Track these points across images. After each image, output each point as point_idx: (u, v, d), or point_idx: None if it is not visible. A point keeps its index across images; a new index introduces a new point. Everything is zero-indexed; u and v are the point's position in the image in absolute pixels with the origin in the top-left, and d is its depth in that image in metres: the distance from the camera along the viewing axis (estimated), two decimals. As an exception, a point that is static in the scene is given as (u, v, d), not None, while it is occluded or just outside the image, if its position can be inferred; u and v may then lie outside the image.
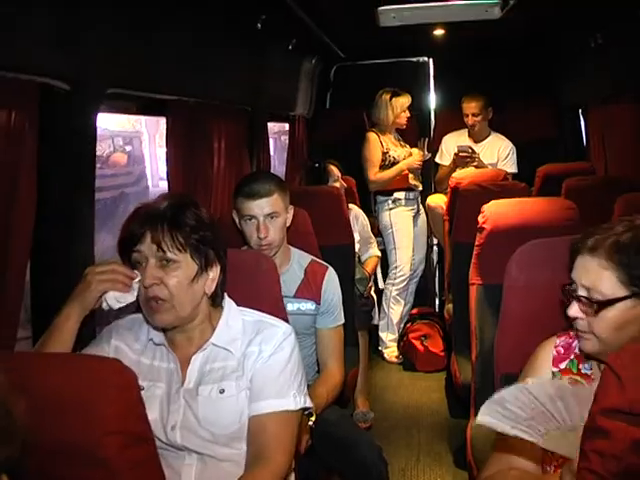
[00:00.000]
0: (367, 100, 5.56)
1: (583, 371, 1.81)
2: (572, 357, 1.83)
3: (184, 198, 1.94)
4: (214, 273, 1.91)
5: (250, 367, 1.90)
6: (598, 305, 1.65)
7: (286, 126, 5.78)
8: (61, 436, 1.22)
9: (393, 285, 5.46)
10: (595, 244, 1.67)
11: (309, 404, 1.96)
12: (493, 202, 3.17)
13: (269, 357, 1.90)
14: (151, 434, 1.31)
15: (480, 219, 3.11)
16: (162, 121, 3.12)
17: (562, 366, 1.84)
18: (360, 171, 5.34)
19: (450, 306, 4.30)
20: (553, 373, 1.84)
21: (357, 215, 4.64)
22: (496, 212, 3.07)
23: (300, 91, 5.50)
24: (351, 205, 4.39)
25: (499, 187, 4.20)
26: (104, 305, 1.93)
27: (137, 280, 1.86)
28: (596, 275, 1.66)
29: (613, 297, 1.63)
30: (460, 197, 4.16)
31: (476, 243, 3.13)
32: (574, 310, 1.70)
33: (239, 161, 3.95)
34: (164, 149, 3.13)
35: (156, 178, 15.88)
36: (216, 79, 3.59)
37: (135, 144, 13.92)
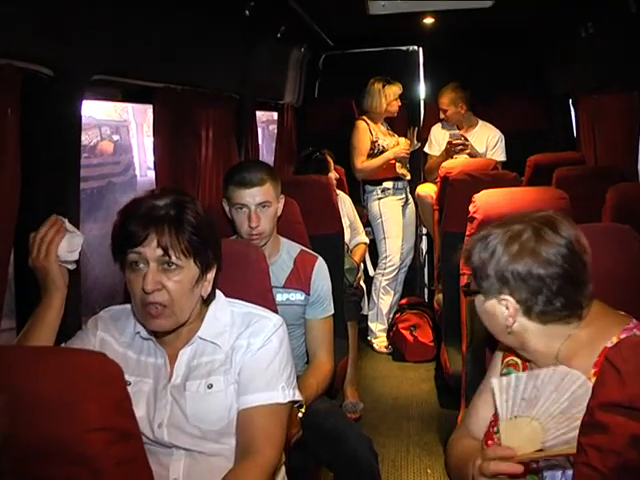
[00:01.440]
0: (356, 89, 5.54)
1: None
2: None
3: (182, 195, 1.87)
4: (212, 274, 1.87)
5: (238, 360, 1.86)
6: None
7: (274, 115, 5.74)
8: (43, 433, 1.18)
9: (383, 275, 5.46)
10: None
11: (298, 397, 1.93)
12: (484, 191, 3.15)
13: (257, 350, 1.87)
14: (138, 430, 1.28)
15: (471, 208, 3.09)
16: (150, 110, 3.08)
17: None
18: (349, 160, 5.31)
19: (440, 296, 4.30)
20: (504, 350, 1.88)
21: (343, 200, 4.62)
22: (487, 201, 3.05)
23: (289, 80, 5.46)
24: (337, 191, 4.36)
25: (489, 176, 4.18)
26: (69, 266, 1.91)
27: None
28: None
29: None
30: (450, 186, 4.15)
31: (467, 233, 3.12)
32: None
33: (227, 150, 3.91)
34: (152, 138, 3.09)
35: (144, 168, 15.84)
36: (203, 66, 3.55)
37: (122, 133, 13.86)
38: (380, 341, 5.48)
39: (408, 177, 5.53)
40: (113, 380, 1.21)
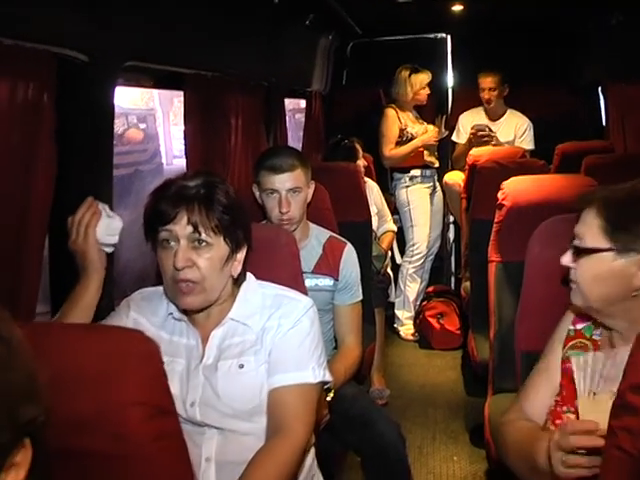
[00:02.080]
0: (384, 77, 5.54)
1: (594, 337, 1.84)
2: (591, 323, 1.85)
3: (213, 176, 1.89)
4: (241, 254, 1.89)
5: (269, 341, 1.88)
6: (579, 251, 1.71)
7: (300, 104, 5.75)
8: (83, 408, 1.21)
9: (410, 263, 5.46)
10: (592, 198, 1.73)
11: (328, 378, 1.94)
12: (513, 179, 3.14)
13: (288, 331, 1.88)
14: (174, 407, 1.29)
15: (500, 196, 3.09)
16: (176, 99, 3.11)
17: (579, 326, 1.87)
18: (377, 149, 5.32)
19: (467, 284, 4.29)
20: (569, 331, 1.88)
21: (371, 187, 4.63)
22: (516, 189, 3.04)
23: (317, 67, 5.47)
24: (365, 178, 4.36)
25: (517, 164, 4.17)
26: (107, 249, 1.93)
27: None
28: (587, 226, 1.71)
29: (593, 247, 1.68)
30: (478, 174, 4.13)
31: (495, 220, 3.11)
32: (566, 259, 1.76)
33: (256, 137, 3.93)
34: (178, 127, 3.12)
35: (170, 156, 15.92)
36: (233, 53, 3.56)
37: (149, 122, 13.93)
38: (407, 329, 5.48)
39: (436, 165, 5.52)
40: (150, 357, 1.23)
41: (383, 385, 4.44)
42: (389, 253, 4.83)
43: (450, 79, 6.43)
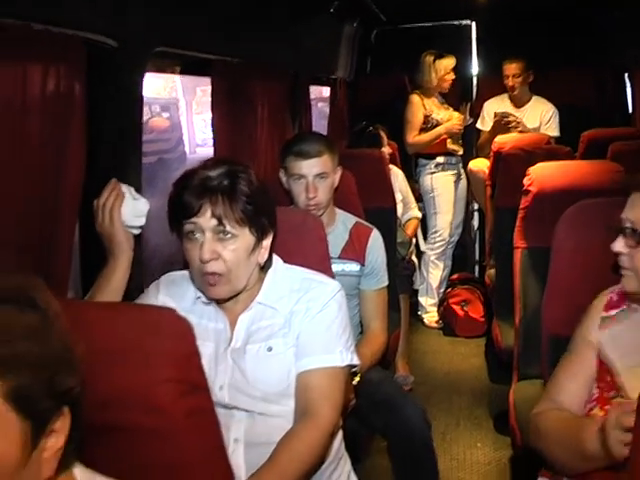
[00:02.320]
0: (408, 65, 5.52)
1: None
2: (625, 307, 1.84)
3: (235, 164, 1.88)
4: (267, 241, 1.90)
5: (297, 324, 1.89)
6: (637, 237, 1.68)
7: (322, 92, 5.75)
8: (117, 383, 1.23)
9: (432, 250, 5.47)
10: None
11: (356, 361, 1.95)
12: (539, 164, 3.13)
13: (316, 314, 1.89)
14: (206, 384, 1.32)
15: (526, 182, 3.08)
16: (199, 88, 3.12)
17: (612, 313, 1.85)
18: (402, 136, 5.31)
19: (492, 271, 4.29)
20: (602, 318, 1.86)
21: (396, 174, 4.62)
22: (542, 174, 3.03)
23: (341, 55, 5.47)
24: (390, 165, 4.36)
25: (543, 151, 4.15)
26: (134, 232, 1.95)
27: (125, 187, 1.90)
28: None
29: None
30: (503, 161, 4.13)
31: (521, 206, 3.11)
32: (618, 245, 1.74)
33: (282, 124, 3.95)
34: (200, 116, 3.14)
35: (193, 145, 15.96)
36: (259, 40, 3.57)
37: (172, 111, 13.98)
38: (430, 316, 5.48)
39: (460, 152, 5.50)
40: (184, 334, 1.25)
41: (407, 371, 4.44)
42: (413, 240, 4.83)
43: (474, 66, 6.38)
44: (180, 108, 14.99)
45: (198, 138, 16.26)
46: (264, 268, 1.95)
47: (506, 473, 3.53)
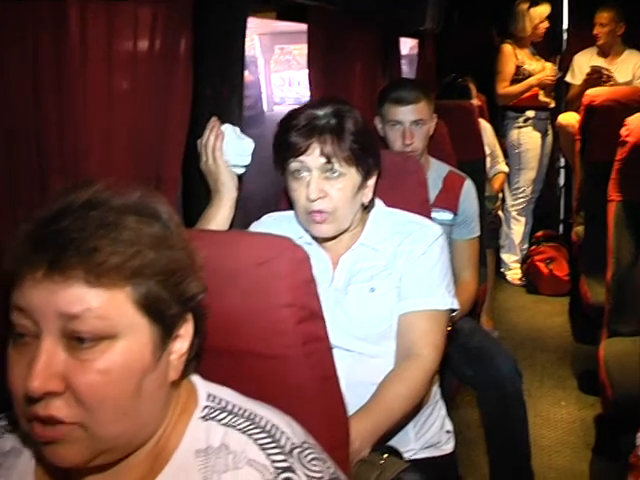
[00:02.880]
0: (496, 15, 5.39)
1: None
2: None
3: (341, 103, 1.88)
4: (372, 181, 1.89)
5: (400, 266, 1.88)
6: None
7: (405, 48, 5.66)
8: (235, 310, 1.26)
9: (513, 206, 5.40)
10: None
11: (456, 306, 1.93)
12: (638, 114, 3.05)
13: (419, 256, 1.88)
14: (322, 311, 1.33)
15: (623, 132, 3.02)
16: (276, 46, 3.10)
17: None
18: (489, 88, 5.21)
19: (579, 228, 4.23)
20: None
21: (484, 127, 4.55)
22: (641, 124, 2.96)
23: (429, 6, 5.36)
24: (479, 118, 4.30)
25: (638, 103, 4.02)
26: (238, 171, 1.95)
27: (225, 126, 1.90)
28: None
29: None
30: (596, 114, 4.03)
31: (617, 158, 3.06)
32: None
33: (373, 74, 3.92)
34: (278, 74, 3.16)
35: (271, 103, 15.97)
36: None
37: (251, 69, 13.98)
38: (513, 273, 5.43)
39: (552, 105, 5.37)
40: (302, 261, 1.26)
41: (491, 327, 4.42)
42: (500, 195, 4.77)
43: (565, 16, 6.17)
44: (259, 67, 15.00)
45: (276, 96, 16.27)
46: (367, 209, 1.95)
47: (591, 432, 3.51)
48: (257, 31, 12.60)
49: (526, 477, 2.81)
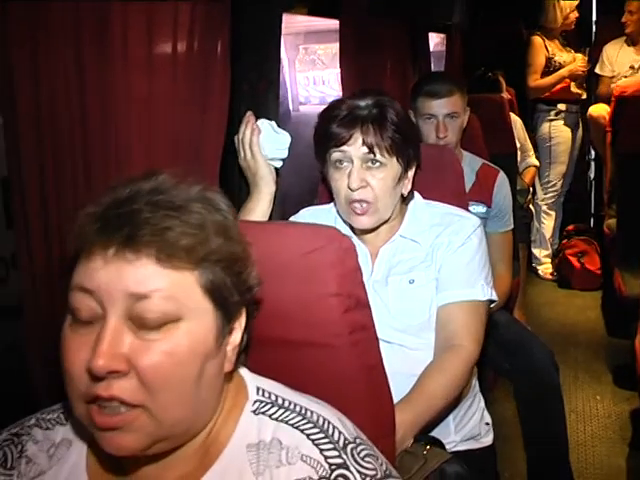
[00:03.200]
0: (524, 8, 5.36)
1: None
2: None
3: (382, 94, 1.90)
4: (411, 172, 1.90)
5: (439, 257, 1.88)
6: None
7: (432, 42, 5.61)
8: (283, 299, 1.26)
9: (544, 200, 5.36)
10: None
11: (495, 297, 1.93)
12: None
13: (458, 248, 1.88)
14: (368, 301, 1.34)
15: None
16: (301, 46, 3.10)
17: None
18: (518, 82, 5.18)
19: (612, 221, 4.19)
20: None
21: (515, 121, 4.53)
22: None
23: (456, 0, 5.34)
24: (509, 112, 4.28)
25: (669, 93, 4.01)
26: (276, 164, 1.96)
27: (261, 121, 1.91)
28: None
29: None
30: (627, 105, 4.00)
31: (650, 148, 3.02)
32: None
33: (403, 70, 3.91)
34: (303, 74, 3.18)
35: (296, 102, 15.97)
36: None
37: (276, 68, 13.99)
38: (545, 268, 5.41)
39: (583, 96, 5.33)
40: (348, 250, 1.27)
41: (524, 321, 4.38)
42: (530, 189, 4.75)
43: (594, 6, 6.11)
44: (284, 66, 14.99)
45: (301, 96, 16.26)
46: (405, 200, 1.96)
47: (627, 427, 3.48)
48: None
49: (564, 471, 2.79)
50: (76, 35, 1.63)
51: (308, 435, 1.04)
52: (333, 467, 1.00)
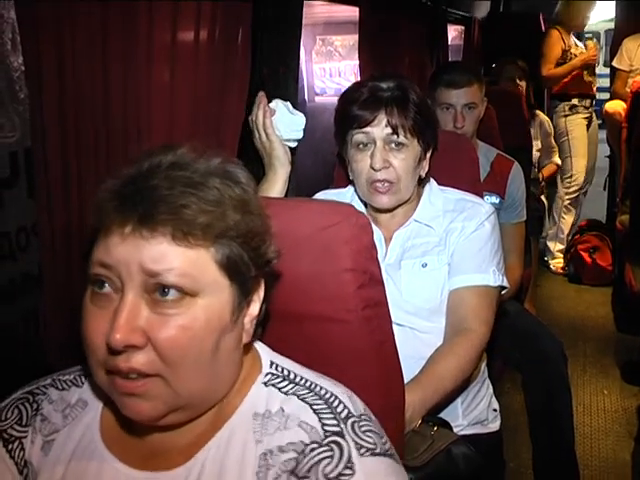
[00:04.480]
0: (543, 2, 5.34)
1: None
2: None
3: (402, 77, 1.93)
4: (429, 154, 1.93)
5: (452, 242, 1.91)
6: None
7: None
8: (299, 274, 1.28)
9: (566, 194, 5.35)
10: None
11: (506, 284, 1.95)
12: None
13: (471, 233, 1.90)
14: (382, 277, 1.36)
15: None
16: (318, 37, 3.10)
17: None
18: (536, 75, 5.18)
19: (625, 217, 4.18)
20: None
21: (542, 122, 4.55)
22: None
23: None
24: (537, 111, 4.29)
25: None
26: (291, 144, 1.96)
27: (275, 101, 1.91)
28: None
29: None
30: (644, 101, 4.00)
31: (666, 144, 3.02)
32: None
33: (421, 60, 3.92)
34: (319, 65, 3.18)
35: (312, 93, 15.95)
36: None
37: (293, 59, 13.97)
38: (557, 262, 5.41)
39: (596, 86, 5.33)
40: (363, 227, 1.29)
41: (534, 314, 4.40)
42: (543, 182, 4.75)
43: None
44: (300, 58, 14.97)
45: (317, 87, 16.23)
46: (422, 183, 1.98)
47: (634, 421, 3.50)
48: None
49: (569, 463, 2.80)
50: (103, 22, 1.66)
51: (311, 405, 1.05)
52: (328, 434, 1.01)
